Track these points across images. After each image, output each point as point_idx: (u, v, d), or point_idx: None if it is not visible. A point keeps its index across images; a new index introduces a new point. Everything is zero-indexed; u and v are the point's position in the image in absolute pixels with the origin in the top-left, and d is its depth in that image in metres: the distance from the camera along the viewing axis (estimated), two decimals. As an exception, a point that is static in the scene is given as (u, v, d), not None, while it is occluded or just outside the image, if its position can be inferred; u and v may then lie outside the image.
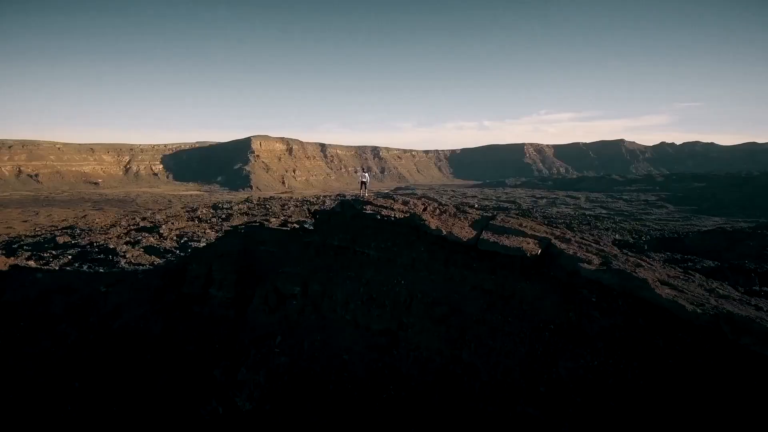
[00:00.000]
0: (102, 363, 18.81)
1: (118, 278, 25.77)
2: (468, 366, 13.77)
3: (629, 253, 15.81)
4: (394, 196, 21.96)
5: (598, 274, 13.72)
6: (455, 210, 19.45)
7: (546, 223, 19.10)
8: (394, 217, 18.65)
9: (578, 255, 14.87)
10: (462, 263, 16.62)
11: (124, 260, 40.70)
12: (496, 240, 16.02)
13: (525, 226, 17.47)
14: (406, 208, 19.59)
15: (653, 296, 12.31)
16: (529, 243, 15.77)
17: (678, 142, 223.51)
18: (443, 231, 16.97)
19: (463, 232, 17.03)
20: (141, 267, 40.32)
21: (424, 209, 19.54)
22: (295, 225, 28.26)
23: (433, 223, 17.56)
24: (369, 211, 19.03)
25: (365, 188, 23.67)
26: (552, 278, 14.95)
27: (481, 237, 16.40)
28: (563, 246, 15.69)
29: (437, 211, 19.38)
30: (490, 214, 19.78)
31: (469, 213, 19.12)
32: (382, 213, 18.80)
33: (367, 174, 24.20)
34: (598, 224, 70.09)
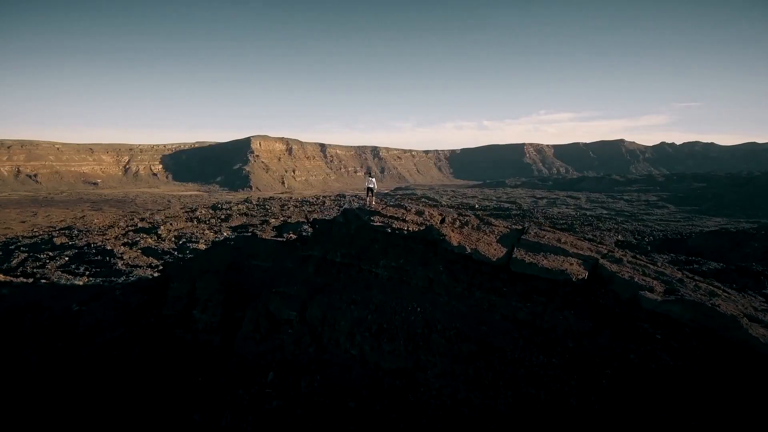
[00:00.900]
0: (63, 400, 15.76)
1: (93, 294, 22.72)
2: (506, 421, 10.75)
3: (697, 278, 12.73)
4: (406, 204, 18.77)
5: (667, 307, 10.73)
6: (478, 222, 16.57)
7: (588, 238, 15.88)
8: (408, 230, 15.79)
9: (635, 280, 11.99)
10: (489, 287, 13.72)
11: (122, 262, 38.47)
12: (532, 260, 13.14)
13: (565, 243, 14.48)
14: (421, 219, 16.64)
15: (746, 338, 9.34)
16: (572, 264, 12.84)
17: (678, 142, 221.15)
18: (467, 248, 14.07)
19: (491, 249, 14.15)
20: (138, 268, 38.12)
21: (442, 221, 16.66)
22: (291, 235, 24.78)
23: (455, 238, 14.73)
24: (378, 224, 16.07)
25: (372, 195, 19.84)
26: (602, 308, 12.05)
27: (513, 256, 13.52)
28: (614, 267, 12.77)
29: (457, 222, 16.52)
30: (521, 227, 16.69)
31: (495, 225, 16.18)
32: (394, 225, 15.88)
33: (373, 179, 20.21)
34: (600, 225, 67.76)
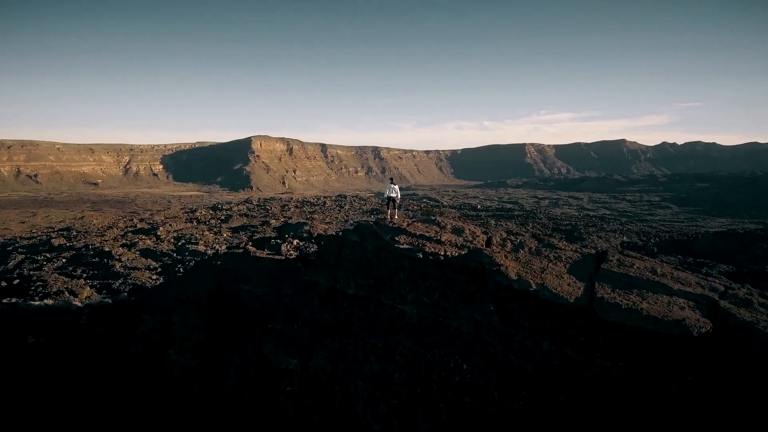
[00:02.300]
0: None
1: (55, 323, 18.43)
2: None
3: None
4: (440, 219, 14.66)
5: None
6: (536, 243, 12.59)
7: (693, 270, 12.07)
8: (445, 254, 11.88)
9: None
10: (561, 336, 9.99)
11: (120, 264, 38.24)
12: (627, 301, 9.45)
13: (663, 274, 10.54)
14: (461, 240, 12.73)
15: None
16: (683, 308, 9.25)
17: (679, 142, 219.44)
18: (532, 283, 10.34)
19: (563, 284, 10.40)
20: (136, 270, 37.69)
21: (489, 241, 12.74)
22: (292, 252, 20.64)
23: (512, 268, 10.98)
24: (405, 246, 12.24)
25: (395, 207, 15.58)
26: (735, 373, 8.50)
27: (597, 295, 9.85)
28: (744, 313, 9.06)
29: (509, 244, 12.55)
30: (596, 250, 12.70)
31: (561, 249, 12.24)
32: (426, 248, 12.05)
33: (396, 187, 16.00)
34: (605, 226, 66.99)
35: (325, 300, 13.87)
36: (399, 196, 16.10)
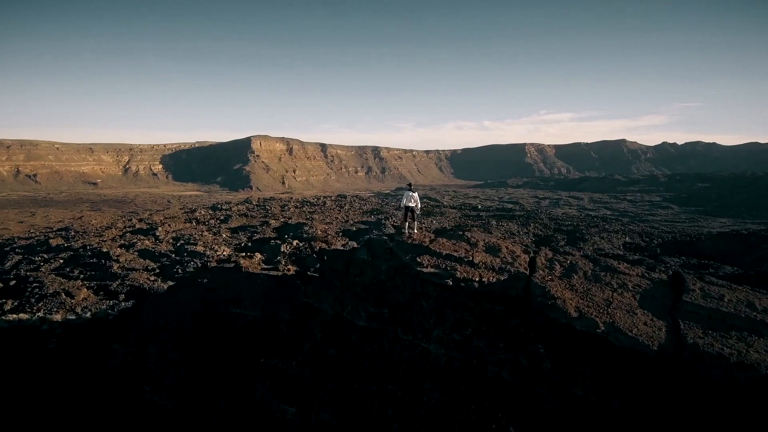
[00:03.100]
0: None
1: (20, 345, 15.97)
2: None
3: None
4: (470, 236, 12.07)
5: None
6: (591, 265, 10.08)
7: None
8: (480, 280, 9.53)
9: None
10: (640, 393, 7.59)
11: (117, 265, 37.77)
12: (729, 350, 7.10)
13: (766, 310, 8.14)
14: (498, 261, 10.21)
15: None
16: None
17: (679, 142, 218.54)
18: (599, 323, 8.01)
19: (637, 324, 8.00)
20: (134, 270, 37.23)
21: (532, 262, 10.21)
22: (289, 267, 18.08)
23: (569, 300, 8.58)
24: (429, 270, 9.96)
25: (413, 219, 13.09)
26: None
27: (687, 340, 7.50)
28: None
29: (557, 267, 10.01)
30: (665, 274, 9.86)
31: (623, 273, 9.66)
32: (456, 273, 9.73)
33: (415, 195, 13.19)
34: (606, 226, 66.39)
35: (330, 330, 11.35)
36: (419, 205, 13.24)
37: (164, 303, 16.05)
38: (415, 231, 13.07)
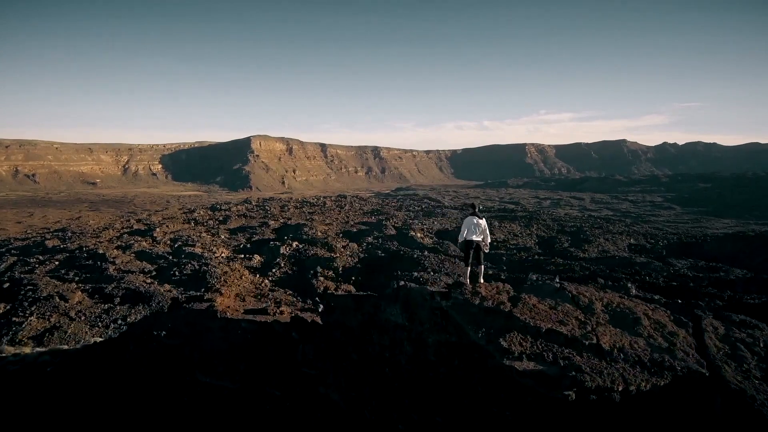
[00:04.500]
0: None
1: None
2: None
3: None
4: (576, 293, 8.25)
5: None
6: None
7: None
8: (626, 389, 5.57)
9: None
10: None
11: (113, 267, 37.07)
12: None
13: None
14: (643, 343, 6.48)
15: None
16: None
17: (680, 142, 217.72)
18: None
19: None
20: (130, 273, 36.36)
21: (696, 335, 6.68)
22: (282, 309, 13.78)
23: None
24: (524, 366, 6.04)
25: (479, 262, 9.01)
26: None
27: None
28: None
29: (745, 351, 6.34)
30: None
31: None
32: (578, 374, 5.71)
33: (483, 222, 9.01)
34: (610, 227, 65.55)
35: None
36: (488, 239, 9.10)
37: (105, 367, 11.25)
38: (481, 281, 8.96)
